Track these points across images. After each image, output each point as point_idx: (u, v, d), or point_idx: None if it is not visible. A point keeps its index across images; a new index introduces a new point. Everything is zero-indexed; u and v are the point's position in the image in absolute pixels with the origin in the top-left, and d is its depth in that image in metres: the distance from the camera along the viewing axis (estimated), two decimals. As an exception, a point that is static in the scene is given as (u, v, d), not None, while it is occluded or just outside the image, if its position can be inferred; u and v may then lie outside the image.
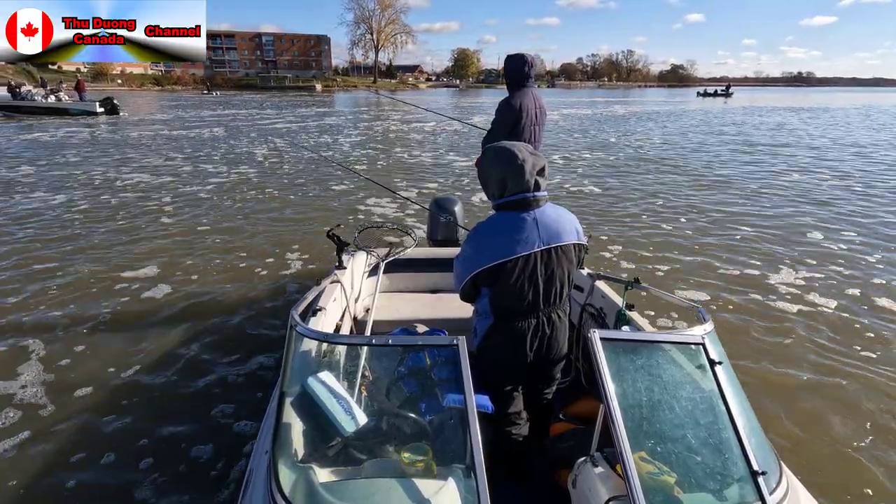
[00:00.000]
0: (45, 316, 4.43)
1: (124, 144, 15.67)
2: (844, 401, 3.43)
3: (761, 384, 3.58)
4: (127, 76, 71.83)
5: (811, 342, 4.17)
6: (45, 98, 25.91)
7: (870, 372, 3.76)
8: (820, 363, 3.87)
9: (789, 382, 3.63)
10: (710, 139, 19.16)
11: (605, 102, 50.12)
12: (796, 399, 3.44)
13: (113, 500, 2.55)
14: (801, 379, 3.67)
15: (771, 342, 4.16)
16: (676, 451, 1.53)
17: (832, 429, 3.16)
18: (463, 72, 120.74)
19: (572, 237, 1.95)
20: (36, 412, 3.19)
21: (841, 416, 3.28)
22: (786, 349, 4.06)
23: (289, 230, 7.09)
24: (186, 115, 27.56)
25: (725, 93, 68.67)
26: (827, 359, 3.93)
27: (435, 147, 16.19)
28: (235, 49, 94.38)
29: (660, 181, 10.87)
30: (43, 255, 5.93)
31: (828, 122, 28.22)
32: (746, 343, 4.13)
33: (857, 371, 3.77)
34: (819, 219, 7.97)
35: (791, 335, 4.28)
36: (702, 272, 5.69)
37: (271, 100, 46.69)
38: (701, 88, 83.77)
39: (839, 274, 5.66)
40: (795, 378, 3.68)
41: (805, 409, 3.33)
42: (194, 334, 4.18)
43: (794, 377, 3.69)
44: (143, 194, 9.07)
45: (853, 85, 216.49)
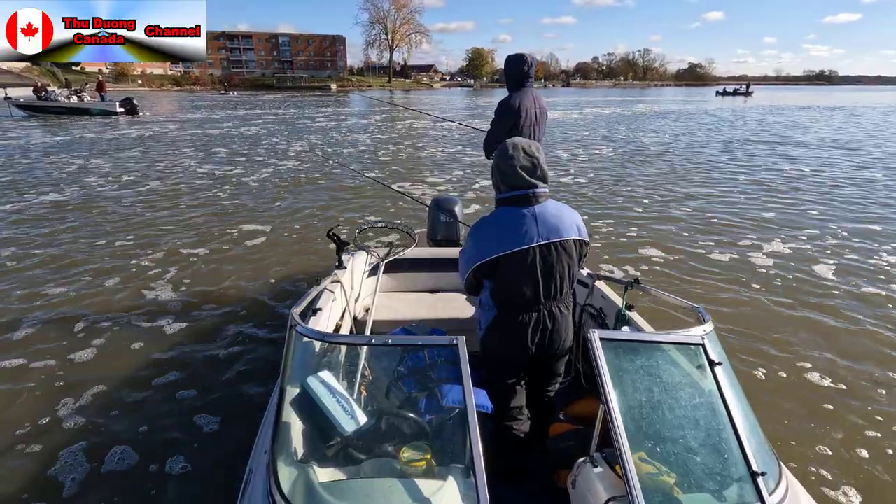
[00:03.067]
0: (35, 318, 4.47)
1: (138, 144, 15.91)
2: (845, 402, 3.39)
3: (761, 384, 3.55)
4: (147, 77, 72.87)
5: (811, 343, 4.13)
6: (67, 98, 26.64)
7: (871, 372, 3.72)
8: (820, 364, 3.83)
9: (790, 383, 3.59)
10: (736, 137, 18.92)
11: (621, 101, 49.73)
12: (796, 400, 3.40)
13: (112, 500, 2.56)
14: (802, 379, 3.63)
15: (771, 343, 4.12)
16: (676, 451, 1.53)
17: (832, 430, 3.12)
18: (477, 71, 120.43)
19: (572, 233, 1.97)
20: (30, 411, 3.22)
21: (841, 416, 3.24)
22: (786, 350, 4.02)
23: (288, 231, 7.12)
24: (201, 116, 27.88)
25: (745, 92, 67.74)
26: (827, 359, 3.89)
27: (448, 142, 16.20)
28: (252, 49, 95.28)
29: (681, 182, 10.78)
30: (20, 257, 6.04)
31: (857, 121, 27.73)
32: (746, 344, 4.10)
33: (858, 371, 3.74)
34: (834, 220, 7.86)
35: (791, 336, 4.24)
36: (702, 272, 5.64)
37: (290, 100, 47.01)
38: (720, 88, 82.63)
39: (842, 274, 5.59)
40: (796, 379, 3.64)
41: (805, 410, 3.30)
42: (193, 333, 4.22)
43: (795, 378, 3.65)
44: (144, 195, 9.17)
45: (878, 83, 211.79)
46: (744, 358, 3.85)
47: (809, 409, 3.31)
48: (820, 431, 3.11)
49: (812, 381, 3.61)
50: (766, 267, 5.80)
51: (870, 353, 3.99)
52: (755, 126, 24.02)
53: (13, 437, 2.99)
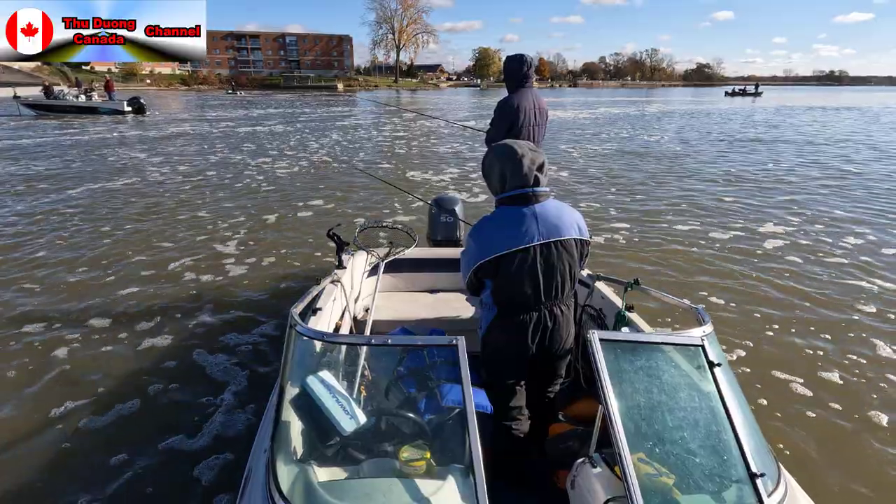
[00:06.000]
0: (26, 311, 4.52)
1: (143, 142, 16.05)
2: (845, 403, 3.37)
3: (760, 386, 3.53)
4: (156, 77, 73.30)
5: (812, 344, 4.11)
6: (76, 97, 26.81)
7: (871, 374, 3.70)
8: (821, 365, 3.81)
9: (789, 384, 3.58)
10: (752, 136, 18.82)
11: (629, 101, 49.53)
12: (796, 401, 3.39)
13: (111, 499, 2.56)
14: (802, 381, 3.61)
15: (771, 344, 4.11)
16: (675, 452, 1.53)
17: (831, 431, 3.11)
18: (484, 71, 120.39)
19: (573, 232, 1.97)
20: (26, 409, 3.25)
21: (840, 418, 3.23)
22: (786, 351, 4.01)
23: (288, 231, 7.14)
24: (208, 116, 28.05)
25: (755, 92, 67.38)
26: (828, 361, 3.87)
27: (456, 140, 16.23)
28: (260, 49, 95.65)
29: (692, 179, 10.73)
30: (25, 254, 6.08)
31: (865, 122, 27.54)
32: (746, 345, 4.07)
33: (859, 372, 3.72)
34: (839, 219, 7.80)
35: (792, 337, 4.22)
36: (702, 272, 5.63)
37: (298, 100, 47.07)
38: (729, 88, 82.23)
39: (844, 274, 5.56)
40: (796, 380, 3.62)
41: (805, 412, 3.28)
42: (193, 331, 4.23)
43: (794, 379, 3.63)
44: (141, 193, 9.25)
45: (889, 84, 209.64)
46: (743, 359, 3.82)
47: (809, 410, 3.30)
48: (819, 432, 3.09)
49: (812, 382, 3.59)
50: (766, 266, 5.77)
51: (871, 353, 3.97)
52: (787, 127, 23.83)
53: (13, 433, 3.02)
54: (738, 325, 4.41)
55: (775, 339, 4.19)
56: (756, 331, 4.30)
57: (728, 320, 4.48)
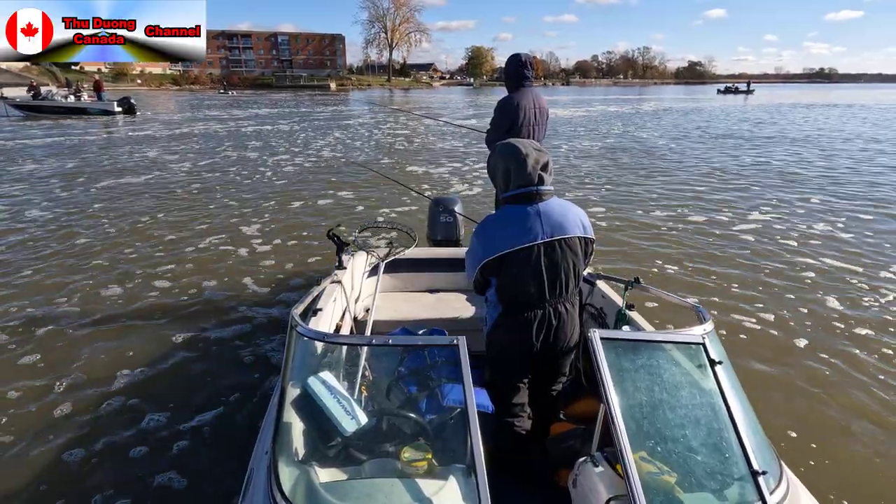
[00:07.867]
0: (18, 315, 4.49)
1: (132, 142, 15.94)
2: (846, 401, 3.39)
3: (761, 383, 3.54)
4: (146, 76, 72.74)
5: (812, 341, 4.13)
6: (65, 98, 26.43)
7: (872, 371, 3.72)
8: (821, 363, 3.83)
9: (790, 382, 3.59)
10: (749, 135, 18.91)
11: (621, 100, 49.64)
12: (797, 399, 3.41)
13: (111, 499, 2.55)
14: (802, 378, 3.63)
15: (771, 342, 4.13)
16: (677, 450, 1.53)
17: (833, 428, 3.12)
18: (477, 70, 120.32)
19: (577, 230, 1.97)
20: (24, 410, 3.23)
21: (842, 415, 3.24)
22: (787, 349, 4.03)
23: (289, 231, 7.11)
24: (198, 116, 27.87)
25: (747, 90, 67.78)
26: (828, 359, 3.88)
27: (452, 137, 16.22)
28: (252, 49, 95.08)
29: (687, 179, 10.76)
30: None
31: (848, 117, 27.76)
32: (746, 343, 4.10)
33: (859, 371, 3.73)
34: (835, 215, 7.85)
35: (792, 335, 4.23)
36: (702, 272, 5.64)
37: (290, 99, 46.81)
38: (721, 85, 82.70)
39: (845, 273, 5.58)
40: (796, 378, 3.64)
41: (806, 409, 3.30)
42: (192, 332, 4.21)
43: (795, 377, 3.65)
44: (143, 196, 9.17)
45: (878, 81, 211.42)
46: (744, 357, 3.83)
47: (810, 407, 3.31)
48: (821, 430, 3.10)
49: (813, 380, 3.60)
50: (766, 267, 5.80)
51: (872, 354, 3.97)
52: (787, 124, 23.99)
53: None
54: (738, 322, 4.42)
55: (777, 336, 4.21)
56: (756, 328, 4.31)
57: (728, 318, 4.49)
